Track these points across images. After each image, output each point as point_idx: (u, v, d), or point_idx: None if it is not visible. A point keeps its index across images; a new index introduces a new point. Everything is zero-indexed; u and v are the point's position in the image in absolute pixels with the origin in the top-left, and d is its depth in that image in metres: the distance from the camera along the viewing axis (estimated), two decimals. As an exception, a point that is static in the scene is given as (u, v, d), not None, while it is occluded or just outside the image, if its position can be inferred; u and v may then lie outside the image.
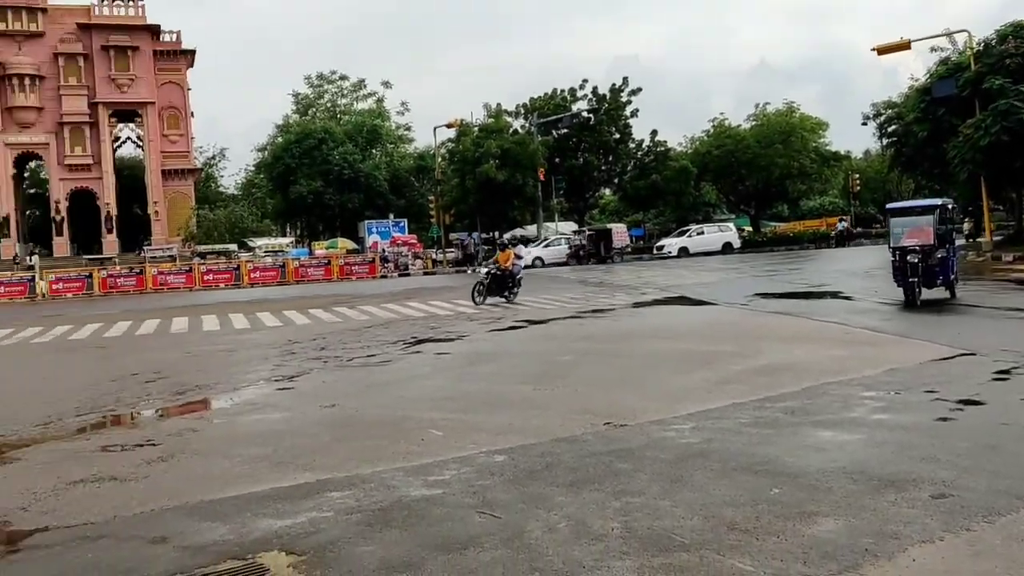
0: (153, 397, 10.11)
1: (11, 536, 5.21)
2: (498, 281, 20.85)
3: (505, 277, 20.94)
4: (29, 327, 21.09)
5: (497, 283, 20.84)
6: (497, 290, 20.88)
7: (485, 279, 20.85)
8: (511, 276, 21.06)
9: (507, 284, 21.00)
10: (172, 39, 62.03)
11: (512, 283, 21.09)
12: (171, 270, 42.29)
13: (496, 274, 20.88)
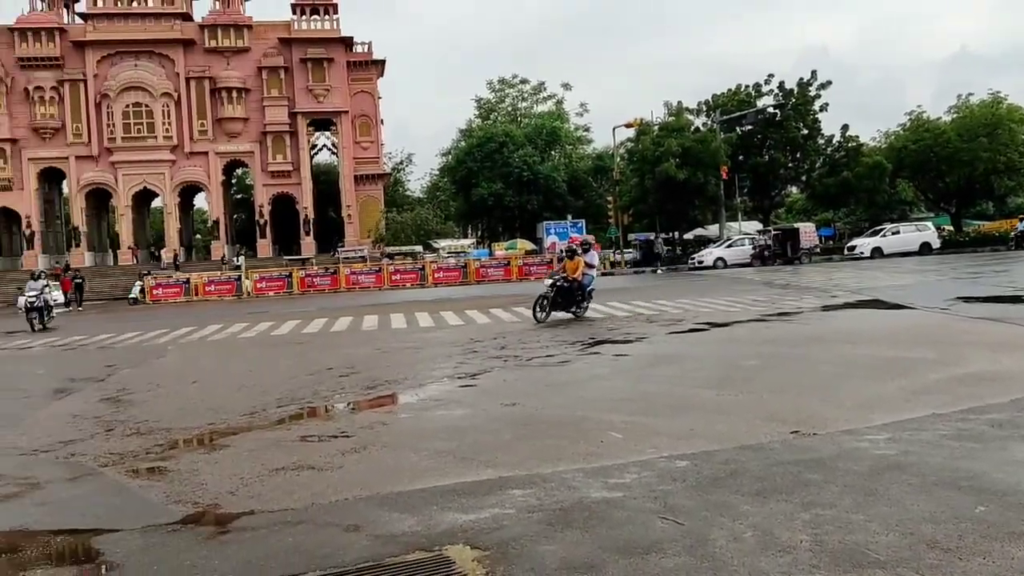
0: (346, 391, 10.64)
1: (221, 518, 5.62)
2: (565, 294, 18.43)
3: (573, 289, 18.51)
4: (236, 323, 22.75)
5: (564, 296, 18.43)
6: (564, 304, 18.50)
7: (549, 291, 18.34)
8: (580, 288, 18.67)
9: (575, 298, 18.59)
10: (364, 50, 65.07)
11: (581, 296, 18.75)
12: (362, 270, 44.46)
13: (563, 286, 18.42)
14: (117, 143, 59.98)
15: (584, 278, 18.65)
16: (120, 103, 60.04)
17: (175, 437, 8.44)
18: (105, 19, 60.23)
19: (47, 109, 59.30)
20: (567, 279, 18.46)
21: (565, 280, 18.43)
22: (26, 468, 7.29)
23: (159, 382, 12.59)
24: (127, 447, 7.98)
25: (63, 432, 8.87)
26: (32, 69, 58.95)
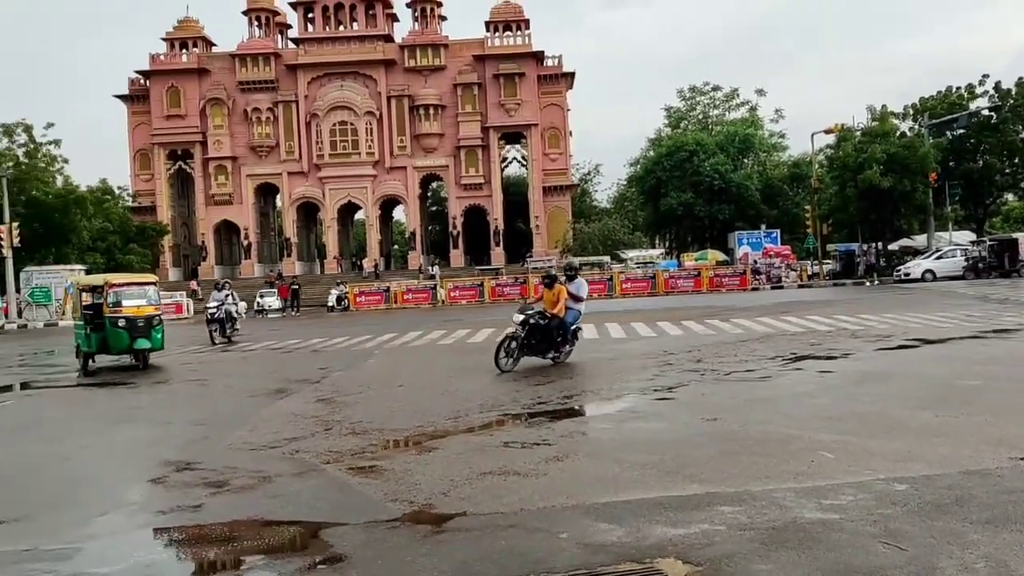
0: (544, 400, 10.83)
1: (436, 518, 5.88)
2: (540, 335, 13.80)
3: (551, 328, 13.86)
4: (435, 330, 23.65)
5: (539, 337, 13.81)
6: (538, 348, 13.87)
7: (519, 330, 13.72)
8: (561, 327, 14.02)
9: (554, 339, 13.96)
10: (554, 63, 66.00)
11: (562, 337, 14.11)
12: (551, 280, 44.92)
13: (537, 324, 13.76)
14: (325, 159, 63.86)
15: (567, 314, 14.12)
16: (328, 122, 63.92)
17: (387, 438, 8.90)
18: (315, 43, 64.35)
19: (263, 129, 63.98)
20: (544, 314, 13.87)
21: (541, 316, 13.83)
22: (257, 462, 7.91)
23: (368, 384, 13.29)
24: (344, 446, 8.48)
25: (286, 430, 9.55)
26: (251, 92, 63.82)
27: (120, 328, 16.70)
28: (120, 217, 55.93)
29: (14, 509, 6.78)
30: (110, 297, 17.19)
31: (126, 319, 16.75)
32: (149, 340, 16.99)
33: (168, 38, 64.72)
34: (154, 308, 17.43)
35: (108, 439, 10.05)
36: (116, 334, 16.80)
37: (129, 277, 19.31)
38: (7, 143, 48.85)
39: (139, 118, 65.07)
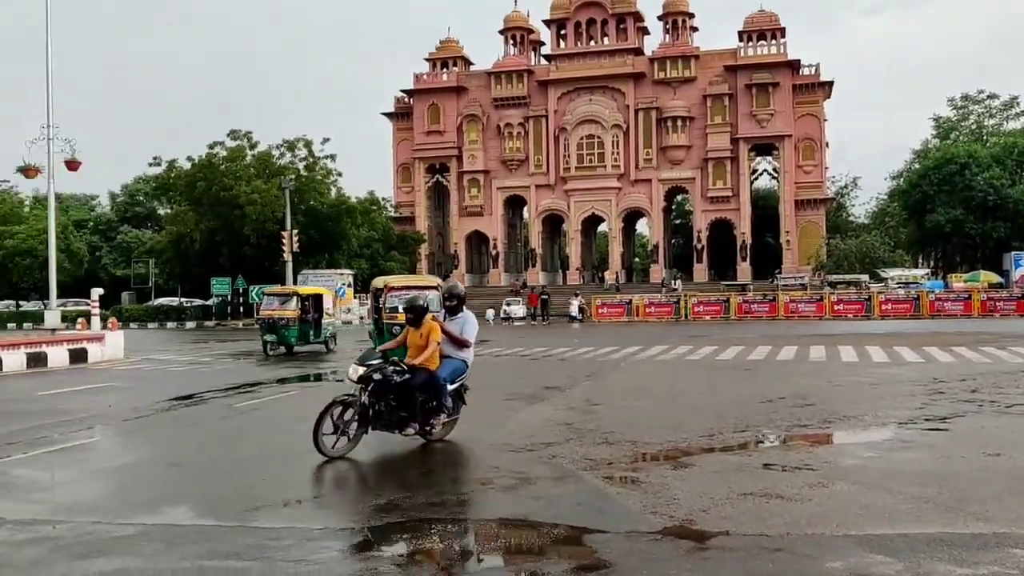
0: (803, 422, 10.43)
1: (698, 534, 5.84)
2: (396, 396, 8.79)
3: (410, 387, 8.81)
4: (680, 345, 23.43)
5: (394, 401, 8.78)
6: (391, 418, 8.78)
7: (355, 395, 8.73)
8: (430, 387, 8.94)
9: (415, 404, 8.80)
10: (810, 72, 63.35)
11: (433, 401, 8.98)
12: (802, 298, 43.18)
13: (387, 381, 8.72)
14: (571, 172, 65.10)
15: (442, 366, 9.14)
16: (575, 135, 65.14)
17: (640, 450, 8.94)
18: (566, 59, 65.83)
19: (514, 143, 66.27)
20: (400, 366, 8.85)
21: (396, 369, 8.79)
22: (520, 464, 8.21)
23: (617, 395, 13.43)
24: (599, 454, 8.62)
25: (541, 434, 9.84)
26: (504, 108, 66.33)
27: None
28: (383, 226, 60.09)
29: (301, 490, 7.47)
30: (387, 301, 17.10)
31: (401, 326, 15.57)
32: None
33: (431, 58, 68.70)
34: None
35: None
36: None
37: (409, 279, 18.85)
38: (290, 157, 53.95)
39: (402, 134, 69.54)
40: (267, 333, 23.94)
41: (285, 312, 23.77)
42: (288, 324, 23.52)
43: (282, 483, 7.71)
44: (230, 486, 7.72)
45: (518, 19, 67.59)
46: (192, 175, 51.08)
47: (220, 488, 7.66)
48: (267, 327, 24.06)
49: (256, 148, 53.39)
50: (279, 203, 47.03)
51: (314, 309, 24.34)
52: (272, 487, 7.51)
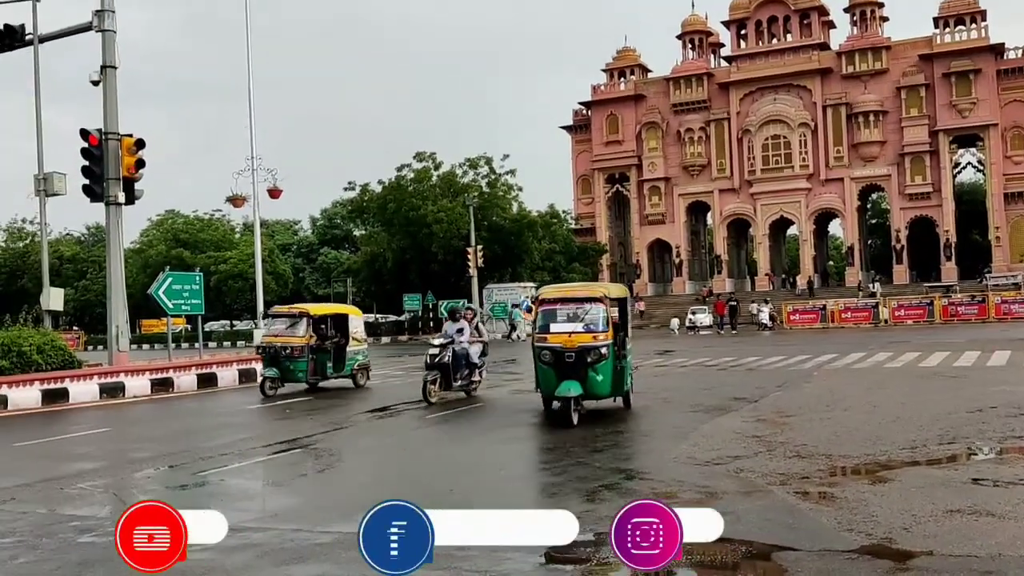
0: (1018, 433, 9.62)
1: (899, 554, 5.50)
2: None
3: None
4: (879, 352, 22.19)
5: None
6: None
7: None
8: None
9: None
10: (1017, 55, 58.52)
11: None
12: (1015, 298, 39.90)
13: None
14: (756, 175, 63.19)
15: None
16: (760, 137, 63.21)
17: (835, 464, 8.54)
18: (747, 59, 64.07)
19: (695, 148, 65.11)
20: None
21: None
22: (704, 478, 8.04)
23: (810, 406, 12.86)
24: (790, 468, 8.29)
25: (728, 447, 9.59)
26: (683, 113, 65.35)
27: (544, 364, 11.73)
28: (564, 238, 60.58)
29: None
30: (538, 319, 12.18)
31: (550, 351, 11.60)
32: (578, 384, 11.39)
33: (608, 68, 68.77)
34: (592, 337, 11.48)
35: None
36: (543, 372, 11.86)
37: (570, 289, 13.44)
38: (472, 175, 55.53)
39: (581, 146, 69.93)
40: (268, 366, 17.83)
41: (292, 339, 17.63)
42: (295, 354, 17.44)
43: (471, 490, 7.92)
44: (421, 492, 8.00)
45: (696, 22, 66.49)
46: (383, 197, 53.52)
47: (415, 494, 7.96)
48: (269, 358, 17.89)
49: (440, 168, 55.28)
50: (463, 220, 48.45)
51: (335, 333, 18.58)
52: (461, 494, 7.73)
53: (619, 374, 11.93)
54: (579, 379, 11.35)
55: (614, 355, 11.64)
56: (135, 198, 19.19)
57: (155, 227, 70.30)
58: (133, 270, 58.58)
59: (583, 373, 11.37)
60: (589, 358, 11.33)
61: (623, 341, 12.40)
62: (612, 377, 11.66)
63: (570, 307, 11.93)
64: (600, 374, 11.45)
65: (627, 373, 12.59)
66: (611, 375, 11.62)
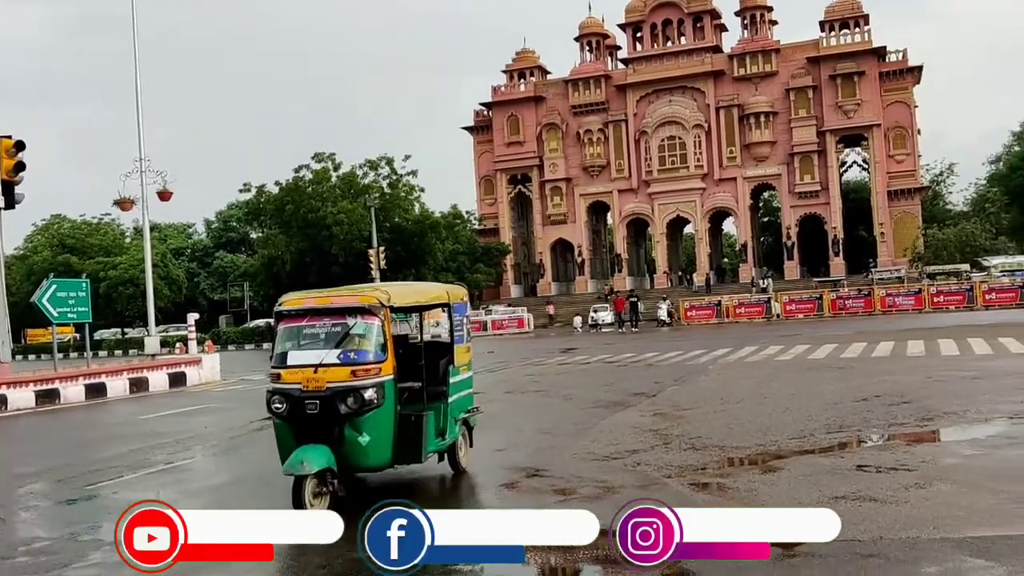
0: (899, 421, 10.04)
1: (787, 542, 5.65)
2: None
3: None
4: (771, 345, 22.88)
5: None
6: None
7: None
8: None
9: None
10: (898, 58, 61.32)
11: None
12: (899, 291, 41.74)
13: None
14: (653, 175, 64.41)
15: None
16: (656, 138, 64.46)
17: (729, 455, 8.74)
18: (643, 61, 65.25)
19: (594, 149, 65.94)
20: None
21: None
22: (603, 472, 8.13)
23: (705, 399, 13.16)
24: (685, 460, 8.47)
25: (627, 442, 9.73)
26: (582, 115, 66.10)
27: (278, 419, 7.46)
28: (468, 239, 60.54)
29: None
30: (276, 344, 7.68)
31: (283, 396, 7.30)
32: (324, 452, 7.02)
33: (508, 70, 69.00)
34: (350, 372, 7.16)
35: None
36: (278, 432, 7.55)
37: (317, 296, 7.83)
38: (373, 176, 54.91)
39: (483, 147, 69.98)
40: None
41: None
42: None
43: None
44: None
45: (593, 25, 67.35)
46: (280, 199, 52.42)
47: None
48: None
49: (340, 169, 54.46)
50: (365, 222, 47.87)
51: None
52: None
53: (415, 428, 7.51)
54: (329, 442, 7.01)
55: (394, 399, 7.25)
56: (15, 202, 18.32)
57: (40, 232, 67.27)
58: (17, 277, 55.86)
59: (336, 433, 7.04)
60: (345, 406, 6.98)
61: (445, 371, 8.14)
62: (392, 435, 7.27)
63: (323, 323, 7.35)
64: (366, 432, 7.09)
65: (451, 420, 8.18)
66: (389, 432, 7.26)
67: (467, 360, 8.79)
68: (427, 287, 9.59)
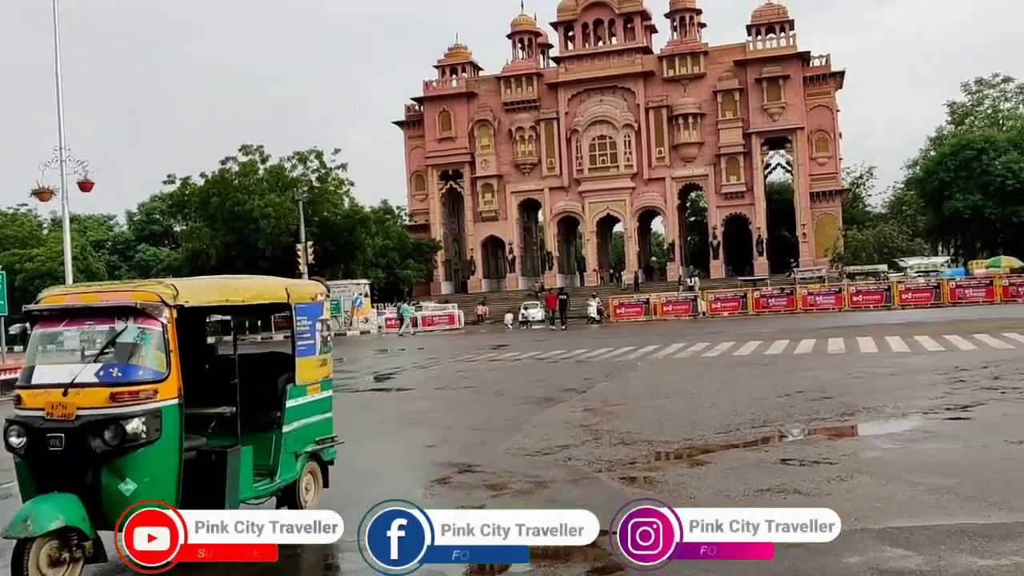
0: (821, 416, 10.32)
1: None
2: None
3: None
4: (698, 342, 23.28)
5: None
6: None
7: None
8: None
9: None
10: (821, 63, 62.93)
11: None
12: (820, 291, 42.88)
13: None
14: (584, 174, 64.92)
15: None
16: (587, 137, 64.99)
17: (657, 449, 8.87)
18: (575, 60, 65.71)
19: (526, 146, 66.14)
20: None
21: None
22: (534, 468, 8.17)
23: (634, 395, 13.33)
24: (615, 455, 8.56)
25: (558, 437, 9.79)
26: (514, 112, 66.23)
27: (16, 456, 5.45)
28: (399, 235, 60.18)
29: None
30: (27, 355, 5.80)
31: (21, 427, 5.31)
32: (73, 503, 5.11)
33: (440, 65, 68.69)
34: (107, 396, 5.18)
35: (395, 440, 10.81)
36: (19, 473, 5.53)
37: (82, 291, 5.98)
38: (302, 169, 54.18)
39: (414, 142, 69.56)
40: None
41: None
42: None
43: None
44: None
45: (525, 23, 67.53)
46: (205, 191, 51.37)
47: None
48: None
49: (268, 162, 53.62)
50: (293, 216, 47.21)
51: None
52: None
53: (216, 470, 5.75)
54: (80, 490, 5.16)
55: (178, 431, 5.37)
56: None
57: (-48, 224, 64.66)
58: (-73, 270, 53.66)
59: (89, 478, 5.20)
60: (100, 442, 5.14)
61: (282, 392, 6.44)
62: (176, 481, 5.36)
63: (87, 327, 5.53)
64: (132, 478, 5.20)
65: (285, 455, 6.42)
66: (170, 477, 5.35)
67: (320, 377, 6.82)
68: (246, 282, 6.74)
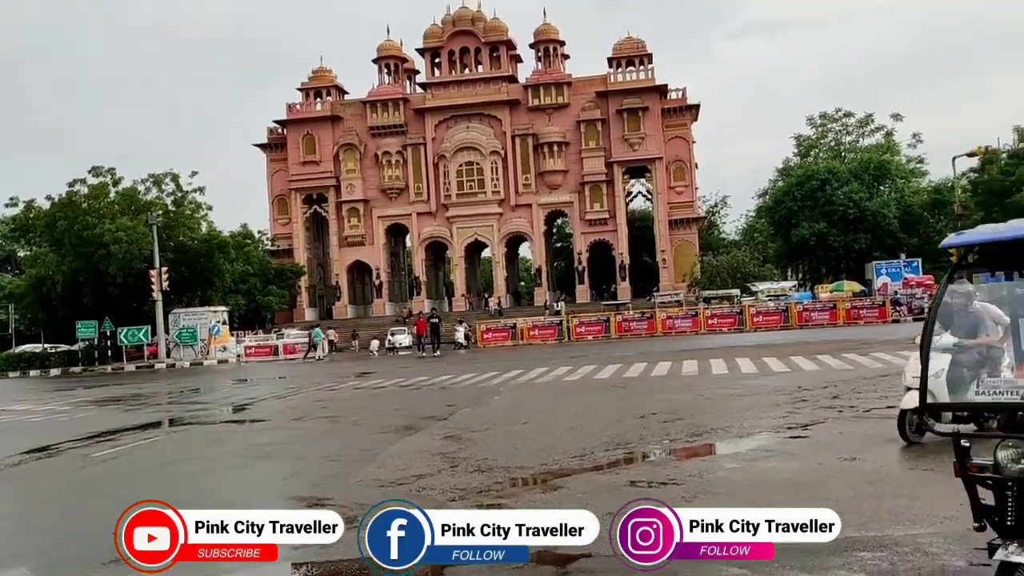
0: (672, 437, 10.59)
1: (561, 558, 5.80)
2: None
3: None
4: (560, 366, 23.59)
5: None
6: None
7: None
8: None
9: None
10: (678, 96, 65.49)
11: None
12: (678, 314, 44.31)
13: None
14: (452, 199, 65.14)
15: None
16: (455, 163, 65.29)
17: (512, 475, 8.88)
18: (442, 87, 66.05)
19: (393, 171, 65.84)
20: None
21: None
22: (385, 499, 7.99)
23: (494, 421, 13.33)
24: (470, 483, 8.51)
25: (414, 466, 9.66)
26: (381, 136, 65.91)
27: None
28: (260, 260, 58.58)
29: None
30: None
31: None
32: None
33: (304, 88, 67.64)
34: None
35: (245, 475, 10.41)
36: None
37: None
38: (157, 192, 52.06)
39: (277, 165, 68.13)
40: None
41: None
42: None
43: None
44: (75, 542, 7.23)
45: (391, 48, 67.45)
46: (52, 215, 48.61)
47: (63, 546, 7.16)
48: None
49: (120, 184, 51.29)
50: (146, 240, 45.29)
51: None
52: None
53: None
54: None
55: None
56: None
57: None
58: None
59: None
60: None
61: None
62: None
63: None
64: None
65: None
66: None
67: None
68: None
